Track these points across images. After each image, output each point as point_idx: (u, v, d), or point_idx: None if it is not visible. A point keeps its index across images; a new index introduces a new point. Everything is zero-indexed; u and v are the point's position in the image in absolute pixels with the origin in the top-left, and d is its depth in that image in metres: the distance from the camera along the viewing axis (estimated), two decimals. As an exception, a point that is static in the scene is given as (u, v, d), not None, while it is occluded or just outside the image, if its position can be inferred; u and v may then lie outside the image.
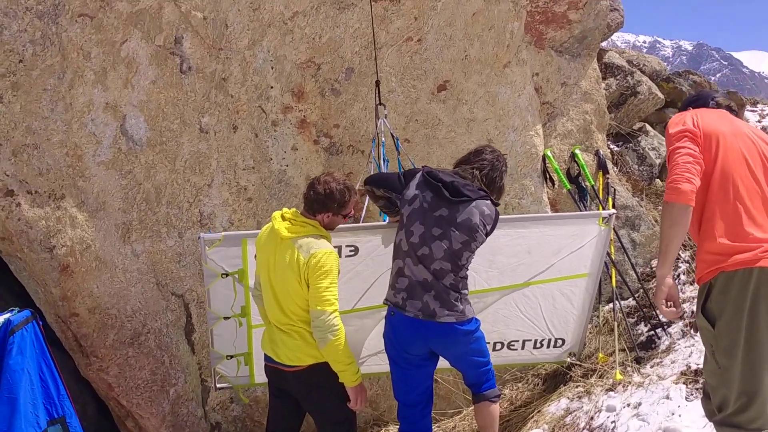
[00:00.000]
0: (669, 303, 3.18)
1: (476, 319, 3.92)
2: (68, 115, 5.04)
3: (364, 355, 4.77)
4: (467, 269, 3.84)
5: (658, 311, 5.54)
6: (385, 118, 4.90)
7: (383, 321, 4.04)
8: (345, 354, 3.71)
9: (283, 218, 3.82)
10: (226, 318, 4.53)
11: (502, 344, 4.99)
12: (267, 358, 3.95)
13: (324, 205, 3.77)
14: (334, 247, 3.90)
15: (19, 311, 3.77)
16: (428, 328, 3.77)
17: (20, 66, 4.93)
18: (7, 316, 3.71)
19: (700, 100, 3.57)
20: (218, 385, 4.83)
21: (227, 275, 4.40)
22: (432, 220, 3.73)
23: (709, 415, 3.26)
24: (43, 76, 4.98)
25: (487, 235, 3.83)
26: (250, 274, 4.40)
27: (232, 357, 4.68)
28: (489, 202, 3.80)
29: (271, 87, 5.36)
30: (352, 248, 4.38)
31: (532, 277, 4.77)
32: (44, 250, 5.02)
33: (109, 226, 5.14)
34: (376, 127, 4.89)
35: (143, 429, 5.35)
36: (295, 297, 3.74)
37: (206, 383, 5.36)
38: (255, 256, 4.16)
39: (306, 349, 3.78)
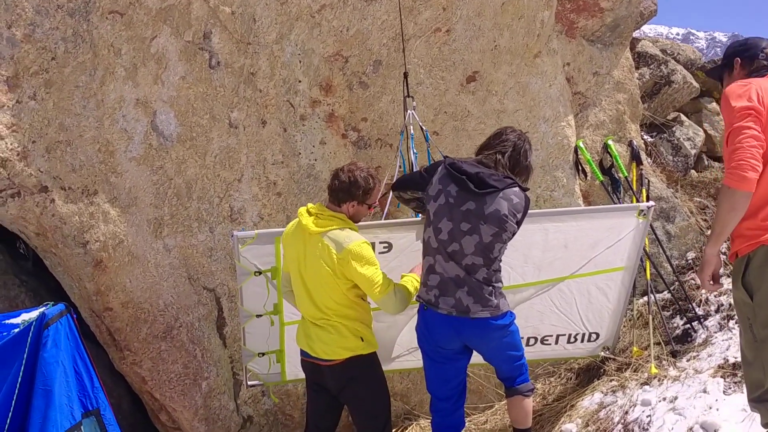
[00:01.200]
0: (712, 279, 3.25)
1: (511, 312, 3.85)
2: (100, 111, 5.09)
3: (396, 353, 4.75)
4: (500, 261, 3.76)
5: (694, 303, 5.44)
6: (414, 110, 4.86)
7: (415, 317, 4.01)
8: (410, 298, 3.87)
9: (309, 213, 3.81)
10: (258, 316, 4.54)
11: (536, 339, 4.93)
12: (303, 353, 3.96)
13: (349, 193, 3.76)
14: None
15: (53, 305, 3.81)
16: (463, 324, 3.71)
17: (53, 63, 4.99)
18: (41, 309, 3.76)
19: (749, 51, 3.39)
20: (249, 383, 4.85)
21: (260, 273, 4.40)
22: (459, 215, 3.64)
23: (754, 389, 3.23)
24: (75, 73, 5.04)
25: (518, 224, 3.72)
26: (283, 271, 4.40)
27: (263, 354, 4.69)
28: (517, 189, 3.68)
29: (299, 81, 5.36)
30: (386, 244, 4.35)
31: (568, 272, 4.69)
32: (78, 246, 5.08)
33: (141, 221, 5.19)
34: (405, 119, 4.86)
35: (176, 422, 5.39)
36: (330, 292, 3.74)
37: (238, 377, 5.39)
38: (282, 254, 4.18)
39: (342, 342, 3.79)
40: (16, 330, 3.66)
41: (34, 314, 3.74)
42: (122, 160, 5.14)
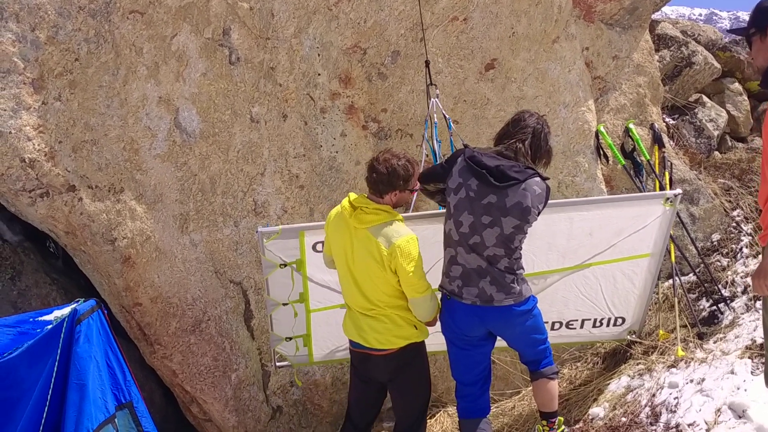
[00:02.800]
0: None
1: (533, 297, 3.88)
2: (124, 110, 5.17)
3: None
4: (521, 250, 3.78)
5: (720, 285, 5.41)
6: (437, 98, 4.87)
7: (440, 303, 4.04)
8: (437, 312, 3.92)
9: (353, 207, 3.75)
10: (284, 304, 4.61)
11: (561, 323, 4.94)
12: (353, 344, 3.98)
13: (390, 184, 3.70)
14: None
15: (84, 301, 3.87)
16: (487, 312, 3.75)
17: (76, 64, 5.07)
18: (73, 306, 3.82)
19: None
20: (278, 364, 4.95)
21: (285, 265, 4.47)
22: (480, 208, 3.64)
23: None
24: (98, 73, 5.12)
25: (539, 214, 3.73)
26: (308, 263, 4.46)
27: (291, 339, 4.77)
28: (538, 179, 3.66)
29: (319, 74, 5.40)
30: None
31: (592, 258, 4.68)
32: (106, 243, 5.17)
33: (167, 217, 5.26)
34: (429, 108, 4.87)
35: (208, 414, 5.48)
36: (381, 285, 3.74)
37: (266, 368, 5.46)
38: (314, 245, 4.26)
39: (396, 331, 3.82)
40: (49, 327, 3.72)
41: (66, 311, 3.81)
42: (147, 158, 5.22)
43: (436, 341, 4.74)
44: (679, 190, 4.61)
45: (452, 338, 3.95)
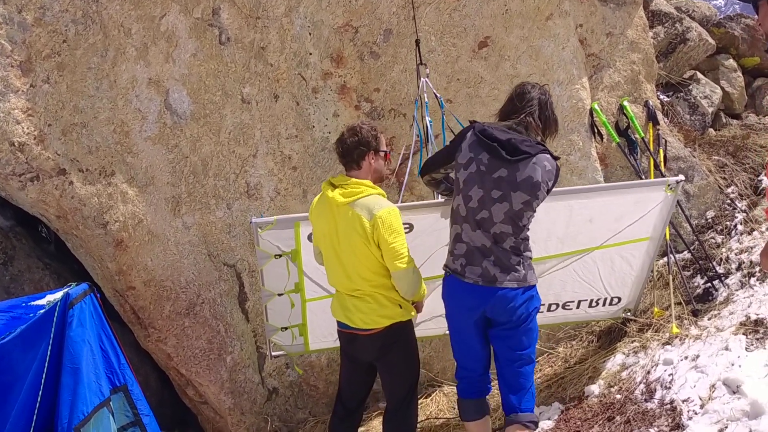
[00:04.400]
0: None
1: (538, 297, 3.76)
2: (113, 92, 5.11)
3: (419, 321, 4.78)
4: (528, 230, 3.70)
5: (714, 262, 5.42)
6: (427, 77, 4.83)
7: (438, 289, 4.00)
8: (424, 293, 3.93)
9: (333, 186, 3.80)
10: (279, 294, 4.60)
11: (557, 305, 4.93)
12: (340, 324, 4.00)
13: (361, 145, 3.77)
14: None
15: (76, 285, 3.86)
16: (487, 293, 3.63)
17: (64, 46, 5.00)
18: (65, 290, 3.82)
19: None
20: (273, 353, 4.94)
21: (280, 256, 4.44)
22: (491, 182, 3.58)
23: None
24: (87, 54, 5.05)
25: (548, 192, 3.67)
26: (304, 253, 4.42)
27: (286, 329, 4.75)
28: (549, 155, 3.62)
29: (310, 53, 5.34)
30: (407, 225, 4.31)
31: (592, 244, 4.65)
32: (98, 226, 5.14)
33: (159, 200, 5.23)
34: (419, 87, 4.83)
35: (203, 396, 5.48)
36: (365, 262, 3.74)
37: (262, 350, 5.46)
38: (309, 235, 4.21)
39: (381, 311, 3.82)
40: (42, 311, 3.72)
41: (58, 295, 3.80)
42: (138, 140, 5.17)
43: (431, 326, 4.75)
44: (681, 177, 4.56)
45: (453, 319, 3.88)
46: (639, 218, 4.58)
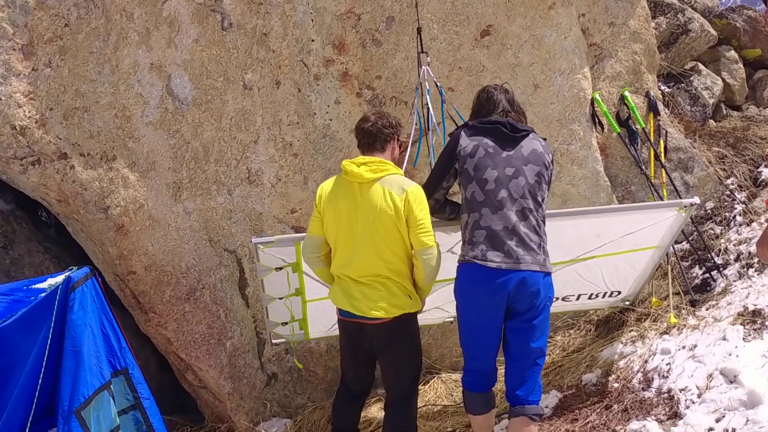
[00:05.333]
0: None
1: (554, 287, 3.77)
2: (115, 77, 5.10)
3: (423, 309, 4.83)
4: (545, 208, 3.75)
5: (713, 253, 5.44)
6: (428, 66, 4.83)
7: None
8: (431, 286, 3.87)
9: (358, 164, 3.74)
10: (280, 298, 4.63)
11: (557, 298, 4.93)
12: (343, 312, 3.89)
13: (387, 128, 3.80)
14: None
15: (78, 269, 3.87)
16: (512, 276, 3.57)
17: (66, 30, 4.99)
18: (67, 273, 3.82)
19: None
20: (274, 341, 4.99)
21: (281, 268, 4.45)
22: (502, 161, 3.66)
23: None
24: (89, 39, 5.04)
25: (552, 163, 3.81)
26: (305, 266, 4.35)
27: (287, 324, 4.78)
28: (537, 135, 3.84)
29: (312, 40, 5.33)
30: None
31: (597, 251, 4.64)
32: (99, 211, 5.14)
33: (160, 185, 5.23)
34: (419, 76, 4.83)
35: (203, 381, 5.51)
36: (389, 241, 3.67)
37: (261, 336, 5.48)
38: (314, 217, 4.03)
39: (392, 300, 3.74)
40: (44, 294, 3.73)
41: (59, 278, 3.81)
42: (139, 125, 5.17)
43: (429, 317, 4.76)
44: (696, 199, 4.50)
45: (474, 308, 3.73)
46: (647, 230, 4.55)
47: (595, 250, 4.63)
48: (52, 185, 5.10)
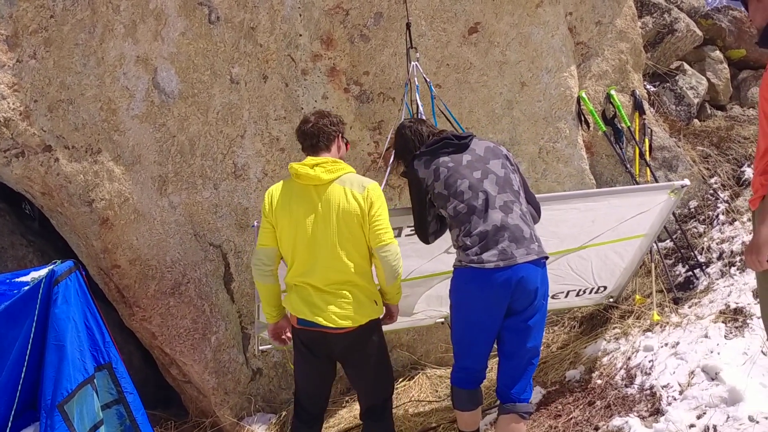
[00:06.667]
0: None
1: (548, 279, 3.73)
2: (101, 69, 5.06)
3: (416, 311, 4.84)
4: (523, 196, 3.75)
5: (696, 251, 5.49)
6: (417, 62, 4.83)
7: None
8: (400, 293, 3.81)
9: (310, 166, 3.60)
10: None
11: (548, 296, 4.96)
12: (302, 322, 3.65)
13: (334, 126, 3.73)
14: (394, 228, 3.77)
15: (61, 262, 3.84)
16: (512, 273, 3.53)
17: (51, 21, 4.94)
18: (50, 267, 3.79)
19: None
20: (261, 347, 4.97)
21: None
22: (466, 169, 3.68)
23: None
24: (74, 30, 5.00)
25: (508, 151, 3.90)
26: None
27: None
28: None
29: (300, 35, 5.32)
30: (396, 230, 4.28)
31: (590, 241, 4.69)
32: (84, 204, 5.11)
33: (145, 179, 5.20)
34: (408, 72, 4.83)
35: (187, 376, 5.49)
36: (353, 241, 3.56)
37: (246, 331, 5.47)
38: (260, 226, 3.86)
39: (359, 309, 3.60)
40: (27, 288, 3.70)
41: (43, 272, 3.77)
42: (125, 118, 5.14)
43: (421, 317, 4.77)
44: (686, 181, 4.56)
45: (473, 311, 3.67)
46: (638, 217, 4.61)
47: (590, 240, 4.67)
48: (36, 178, 5.06)
